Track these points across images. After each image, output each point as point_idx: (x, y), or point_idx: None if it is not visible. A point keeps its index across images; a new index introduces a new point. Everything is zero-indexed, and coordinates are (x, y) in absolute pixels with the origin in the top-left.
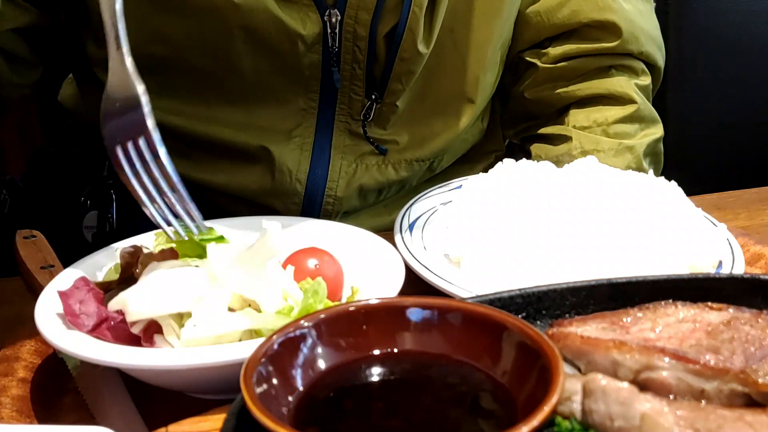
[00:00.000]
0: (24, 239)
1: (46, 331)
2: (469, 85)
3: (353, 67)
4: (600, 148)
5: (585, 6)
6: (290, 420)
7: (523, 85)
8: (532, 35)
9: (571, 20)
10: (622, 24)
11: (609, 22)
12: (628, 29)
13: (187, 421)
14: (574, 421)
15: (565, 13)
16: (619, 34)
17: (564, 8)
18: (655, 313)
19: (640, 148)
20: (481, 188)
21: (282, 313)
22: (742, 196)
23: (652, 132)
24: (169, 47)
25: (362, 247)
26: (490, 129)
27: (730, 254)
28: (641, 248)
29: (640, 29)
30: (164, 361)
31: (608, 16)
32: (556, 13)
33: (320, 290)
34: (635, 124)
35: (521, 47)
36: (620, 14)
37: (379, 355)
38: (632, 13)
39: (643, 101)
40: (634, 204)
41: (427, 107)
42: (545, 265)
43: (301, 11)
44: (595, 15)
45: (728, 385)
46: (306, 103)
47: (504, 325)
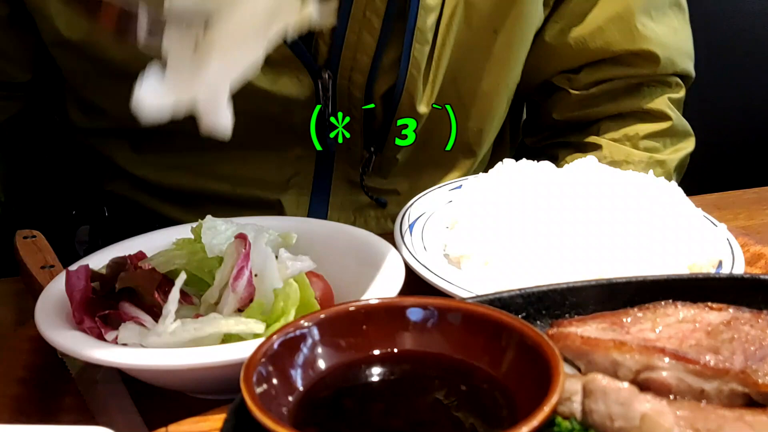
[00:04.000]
0: (24, 239)
1: (46, 331)
2: (472, 137)
3: (350, 124)
4: (630, 160)
5: (619, 36)
6: (290, 420)
7: (551, 108)
8: (561, 64)
9: (605, 51)
10: (659, 51)
11: (645, 51)
12: (665, 54)
13: (187, 421)
14: (574, 421)
15: (598, 44)
16: (656, 62)
17: (597, 39)
18: (655, 313)
19: (671, 163)
20: (481, 188)
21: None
22: (742, 196)
23: (684, 147)
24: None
25: (362, 247)
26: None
27: (730, 254)
28: (641, 248)
29: (676, 50)
30: (164, 361)
31: (644, 45)
32: (587, 43)
33: (292, 293)
34: (667, 138)
35: (549, 74)
36: (655, 41)
37: (379, 355)
38: (667, 36)
39: (677, 116)
40: (634, 204)
41: (428, 158)
42: (545, 265)
43: (292, 75)
44: (630, 46)
45: (728, 385)
46: (303, 150)
47: (504, 325)
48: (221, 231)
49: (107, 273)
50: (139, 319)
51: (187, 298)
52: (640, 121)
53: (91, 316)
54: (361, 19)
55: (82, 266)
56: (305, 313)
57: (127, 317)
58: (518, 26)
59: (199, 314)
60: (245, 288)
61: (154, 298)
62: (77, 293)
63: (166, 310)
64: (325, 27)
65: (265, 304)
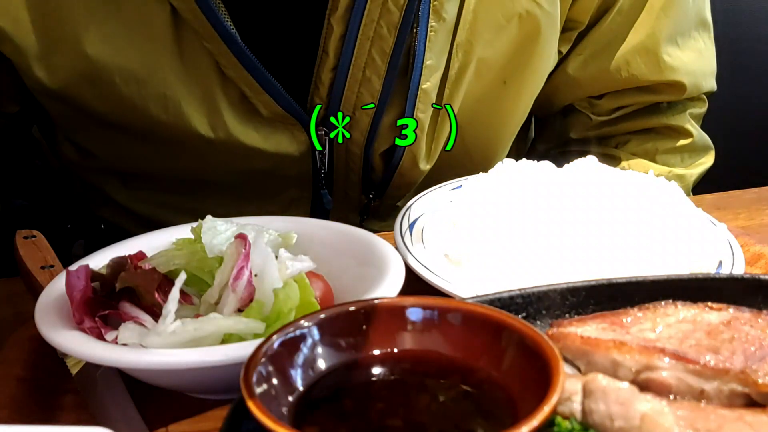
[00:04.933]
0: (24, 239)
1: (46, 331)
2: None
3: (348, 175)
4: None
5: (645, 68)
6: (290, 420)
7: (568, 127)
8: (584, 93)
9: (631, 81)
10: (686, 79)
11: (672, 81)
12: (691, 81)
13: (187, 421)
14: (574, 421)
15: (623, 75)
16: (683, 89)
17: (621, 70)
18: (655, 313)
19: (690, 178)
20: (481, 188)
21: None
22: (742, 196)
23: (704, 162)
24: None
25: (362, 247)
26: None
27: (730, 254)
28: (641, 248)
29: (702, 74)
30: (164, 361)
31: (670, 76)
32: (612, 74)
33: (292, 293)
34: (686, 153)
35: (570, 101)
36: (682, 71)
37: (379, 355)
38: (693, 63)
39: (698, 132)
40: (634, 204)
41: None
42: (545, 265)
43: (286, 131)
44: (657, 77)
45: (728, 385)
46: (299, 193)
47: (504, 325)
48: (221, 231)
49: (107, 273)
50: (139, 319)
51: (187, 298)
52: (661, 137)
53: (91, 316)
54: (360, 79)
55: (82, 266)
56: (305, 313)
57: (127, 317)
58: (530, 77)
59: (199, 314)
60: (245, 288)
61: (154, 298)
62: (77, 293)
63: (166, 310)
64: (321, 85)
65: (265, 304)
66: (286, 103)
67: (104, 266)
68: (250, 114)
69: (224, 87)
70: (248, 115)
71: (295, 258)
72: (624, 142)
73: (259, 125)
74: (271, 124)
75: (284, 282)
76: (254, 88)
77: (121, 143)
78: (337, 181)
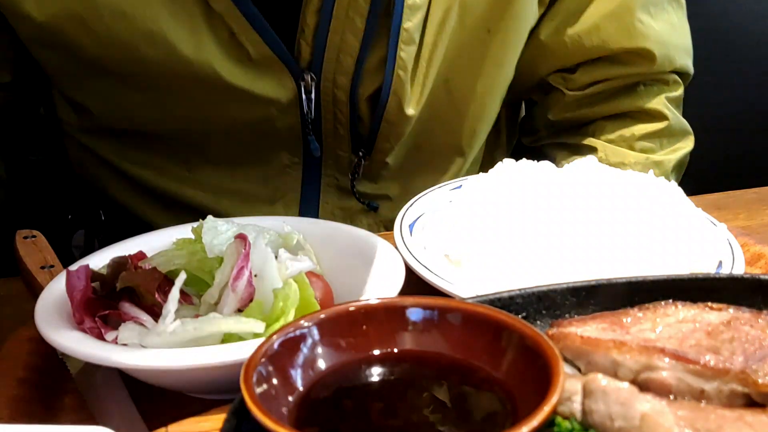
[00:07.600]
0: (24, 239)
1: (46, 331)
2: (465, 138)
3: (336, 128)
4: (627, 162)
5: (615, 34)
6: (290, 420)
7: (546, 108)
8: (557, 62)
9: (601, 48)
10: (656, 49)
11: (642, 49)
12: (662, 52)
13: (187, 421)
14: (574, 421)
15: (594, 42)
16: (653, 60)
17: (592, 36)
18: (655, 313)
19: (668, 164)
20: (481, 188)
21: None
22: (742, 196)
23: (682, 146)
24: (142, 118)
25: (362, 247)
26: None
27: (730, 254)
28: (641, 248)
29: (674, 47)
30: (164, 361)
31: (640, 43)
32: (583, 41)
33: (291, 293)
34: (664, 138)
35: (544, 73)
36: (653, 39)
37: (379, 355)
38: (664, 33)
39: (674, 115)
40: (634, 204)
41: (420, 161)
42: (545, 265)
43: (274, 76)
44: (627, 43)
45: (728, 385)
46: (289, 159)
47: (504, 325)
48: (221, 231)
49: (107, 273)
50: (139, 319)
51: (187, 298)
52: (636, 122)
53: (91, 316)
54: (343, 19)
55: (82, 266)
56: (305, 313)
57: (127, 317)
58: (513, 25)
59: (199, 314)
60: (245, 288)
61: (154, 298)
62: (77, 293)
63: (166, 310)
64: (307, 27)
65: (264, 304)
66: (273, 43)
67: (104, 266)
68: (239, 54)
69: (212, 23)
70: (237, 54)
71: (295, 258)
72: (601, 128)
73: (248, 68)
74: (259, 68)
75: (284, 282)
76: (242, 24)
77: (114, 93)
78: (326, 138)
